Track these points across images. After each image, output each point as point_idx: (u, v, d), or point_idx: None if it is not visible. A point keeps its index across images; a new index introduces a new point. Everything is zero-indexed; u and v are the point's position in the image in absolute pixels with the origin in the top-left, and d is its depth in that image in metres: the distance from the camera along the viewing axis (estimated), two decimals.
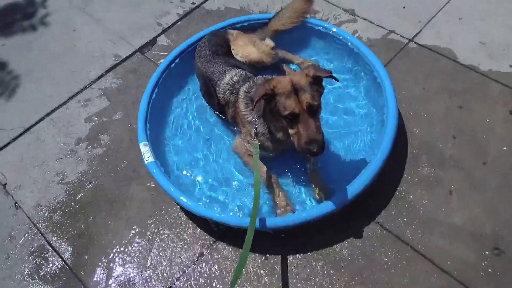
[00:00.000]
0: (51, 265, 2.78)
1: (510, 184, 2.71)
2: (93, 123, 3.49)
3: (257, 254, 2.64)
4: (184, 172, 3.04)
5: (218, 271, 2.60)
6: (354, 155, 2.98)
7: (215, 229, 2.73)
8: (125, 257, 2.73)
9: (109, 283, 2.65)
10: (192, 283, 2.57)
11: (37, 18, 4.50)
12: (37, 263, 2.80)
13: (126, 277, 2.65)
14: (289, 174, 2.95)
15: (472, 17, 3.71)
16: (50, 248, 2.85)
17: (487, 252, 2.46)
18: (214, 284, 2.56)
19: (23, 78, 3.95)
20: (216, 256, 2.66)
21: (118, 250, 2.77)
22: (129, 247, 2.77)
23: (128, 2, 4.47)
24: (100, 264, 2.73)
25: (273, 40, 3.52)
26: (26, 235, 2.93)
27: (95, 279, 2.67)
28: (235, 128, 3.11)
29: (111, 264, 2.72)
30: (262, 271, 2.57)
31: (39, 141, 3.45)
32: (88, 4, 4.53)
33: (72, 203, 3.04)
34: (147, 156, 2.86)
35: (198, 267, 2.63)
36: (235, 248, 2.68)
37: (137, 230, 2.84)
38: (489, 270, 2.40)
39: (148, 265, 2.68)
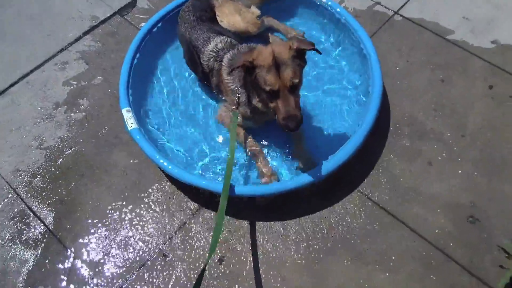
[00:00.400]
0: (33, 230, 2.73)
1: (486, 156, 2.81)
2: (72, 87, 3.37)
3: (241, 221, 2.67)
4: (168, 138, 3.00)
5: (203, 238, 2.62)
6: (338, 126, 3.01)
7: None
8: (108, 223, 2.71)
9: (92, 248, 2.64)
10: (177, 249, 2.59)
11: None
12: (18, 228, 2.74)
13: (110, 243, 2.64)
14: (273, 144, 2.96)
15: None
16: (31, 213, 2.79)
17: (463, 221, 2.58)
18: (198, 250, 2.58)
19: None
20: (200, 223, 2.68)
21: (101, 216, 2.75)
22: (113, 213, 2.75)
23: None
24: (83, 229, 2.70)
25: (259, 8, 3.46)
26: (6, 200, 2.86)
27: (78, 244, 2.65)
28: (219, 96, 3.08)
29: (94, 230, 2.70)
30: (245, 238, 2.61)
31: (14, 104, 3.32)
32: None
33: (52, 169, 2.96)
34: (130, 122, 2.81)
35: (183, 234, 2.64)
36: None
37: (120, 196, 2.81)
38: (464, 236, 2.52)
39: (131, 231, 2.68)
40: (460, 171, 2.77)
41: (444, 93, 3.14)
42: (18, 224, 2.76)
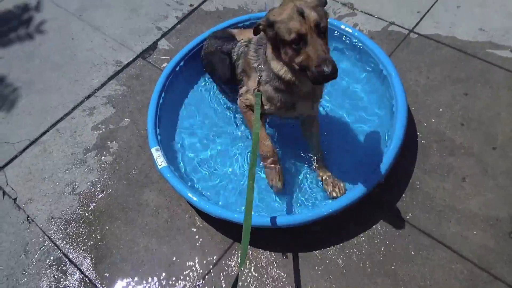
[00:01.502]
0: (69, 278, 2.75)
1: None
2: (100, 131, 3.46)
3: (275, 253, 2.64)
4: (198, 174, 3.03)
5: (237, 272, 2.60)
6: (365, 149, 2.99)
7: None
8: (144, 265, 2.72)
9: None
10: (214, 286, 2.57)
11: (33, 27, 4.44)
12: (55, 276, 2.77)
13: (148, 285, 2.64)
14: (298, 168, 2.95)
15: (470, 4, 3.74)
16: (67, 260, 2.82)
17: (504, 236, 2.50)
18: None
19: (25, 90, 3.90)
20: (234, 258, 2.66)
21: (137, 258, 2.75)
22: (147, 255, 2.76)
23: (125, 8, 4.43)
24: (120, 274, 2.71)
25: None
26: (42, 248, 2.90)
27: None
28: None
29: (131, 273, 2.70)
30: (281, 270, 2.57)
31: (46, 152, 3.41)
32: (83, 12, 4.49)
33: (86, 213, 3.01)
34: (160, 161, 2.85)
35: (218, 270, 2.62)
36: (255, 249, 2.68)
37: (154, 236, 2.82)
38: (507, 253, 2.43)
39: (168, 271, 2.67)
40: (495, 185, 2.70)
41: (469, 106, 3.10)
42: (55, 272, 2.79)
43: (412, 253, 2.51)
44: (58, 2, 4.64)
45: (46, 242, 2.93)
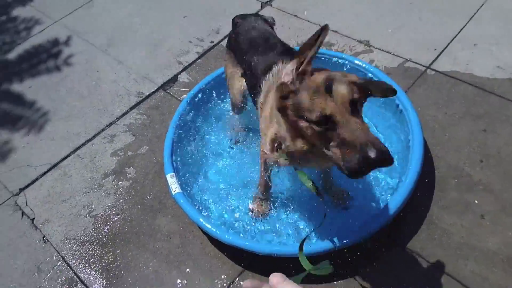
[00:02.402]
0: None
1: None
2: (119, 157, 3.55)
3: None
4: (213, 202, 3.04)
5: None
6: (380, 183, 2.96)
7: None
8: None
9: None
10: None
11: (61, 59, 4.67)
12: None
13: None
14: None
15: (486, 43, 3.77)
16: (79, 281, 2.83)
17: None
18: None
19: (50, 117, 4.06)
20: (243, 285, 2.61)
21: (146, 282, 2.74)
22: (157, 279, 2.74)
23: (148, 44, 4.63)
24: None
25: None
26: (55, 267, 2.93)
27: None
28: None
29: None
30: None
31: (66, 176, 3.50)
32: (110, 47, 4.71)
33: (100, 236, 3.04)
34: (174, 187, 2.88)
35: None
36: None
37: (164, 261, 2.81)
38: None
39: None
40: None
41: (488, 142, 3.06)
42: None
43: None
44: (87, 38, 4.90)
45: (60, 262, 2.95)
